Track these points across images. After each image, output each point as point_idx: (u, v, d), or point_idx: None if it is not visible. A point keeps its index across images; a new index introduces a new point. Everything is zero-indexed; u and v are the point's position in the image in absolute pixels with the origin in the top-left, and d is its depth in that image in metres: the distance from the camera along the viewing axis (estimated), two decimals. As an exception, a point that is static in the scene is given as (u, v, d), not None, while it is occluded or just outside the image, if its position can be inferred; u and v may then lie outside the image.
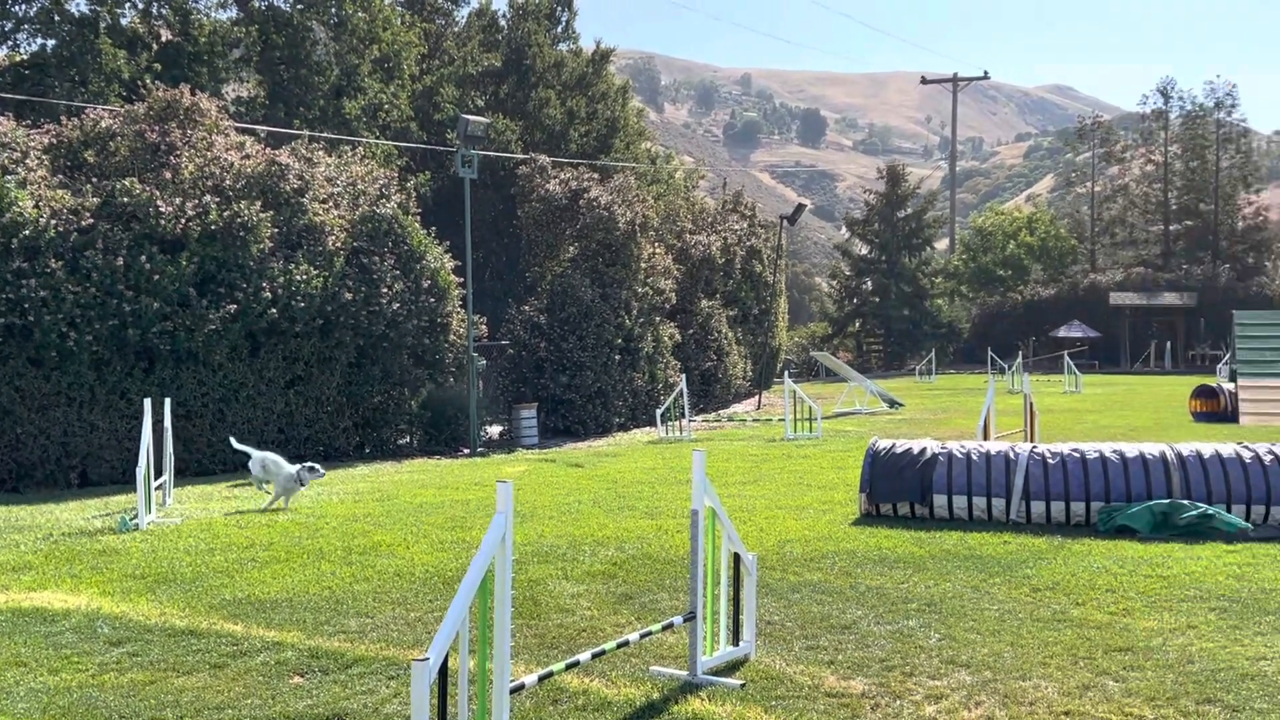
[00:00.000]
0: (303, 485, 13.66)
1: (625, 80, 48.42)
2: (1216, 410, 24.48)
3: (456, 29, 43.86)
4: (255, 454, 14.06)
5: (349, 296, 20.48)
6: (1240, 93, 63.53)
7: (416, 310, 21.85)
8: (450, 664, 4.47)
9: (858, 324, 62.58)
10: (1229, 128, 64.60)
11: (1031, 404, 17.39)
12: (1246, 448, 11.05)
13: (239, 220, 19.24)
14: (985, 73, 75.86)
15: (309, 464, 13.82)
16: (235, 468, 19.34)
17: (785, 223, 39.24)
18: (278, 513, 13.21)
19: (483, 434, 23.74)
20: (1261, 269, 61.71)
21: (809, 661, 6.69)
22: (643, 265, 28.56)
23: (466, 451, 22.28)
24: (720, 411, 32.01)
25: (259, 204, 19.82)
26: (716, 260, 34.44)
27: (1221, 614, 7.60)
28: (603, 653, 6.03)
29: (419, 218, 23.51)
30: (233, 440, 15.56)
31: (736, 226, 37.60)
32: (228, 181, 19.94)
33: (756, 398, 36.31)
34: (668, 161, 55.29)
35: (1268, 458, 10.74)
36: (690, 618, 6.38)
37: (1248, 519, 10.47)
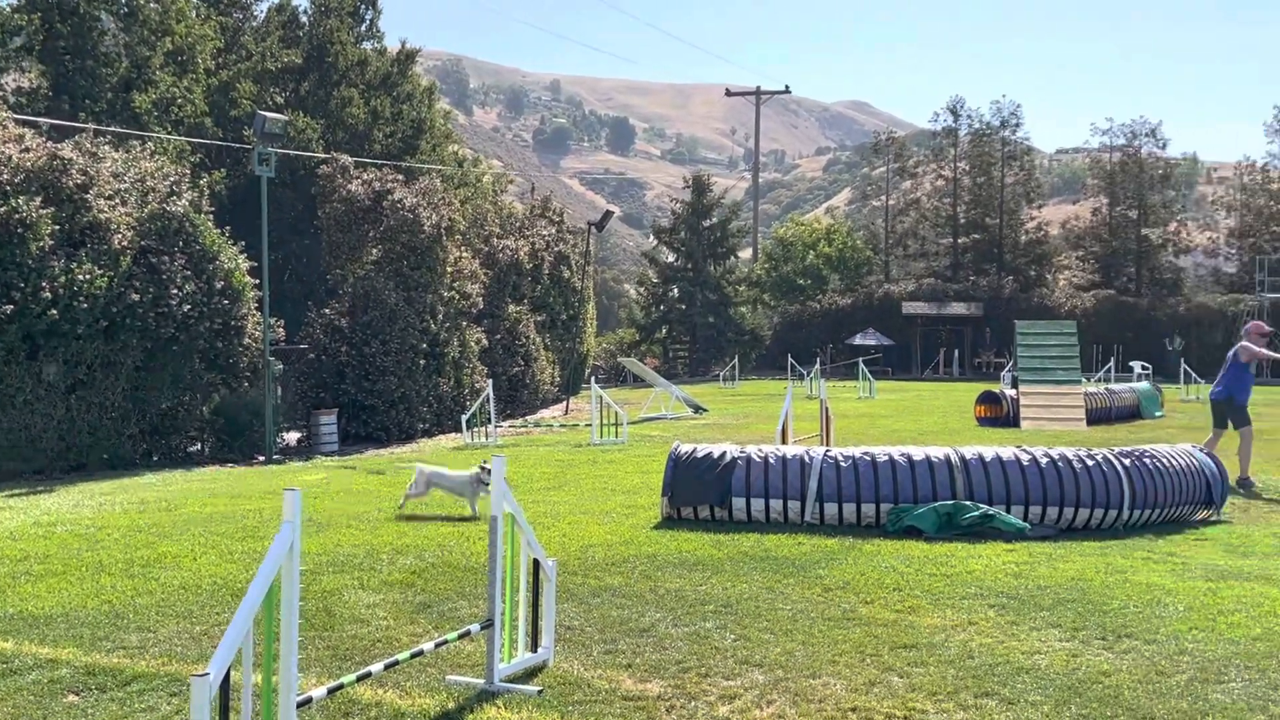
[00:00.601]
0: (485, 485, 12.76)
1: (432, 81, 47.96)
2: (999, 415, 25.65)
3: (255, 23, 42.61)
4: (419, 471, 13.21)
5: (136, 297, 19.62)
6: (1024, 113, 66.98)
7: (209, 312, 21.09)
8: (233, 678, 4.31)
9: (665, 330, 63.40)
10: (1013, 146, 67.97)
11: (828, 409, 17.91)
12: (1025, 451, 11.58)
13: (16, 217, 18.21)
14: (786, 87, 77.95)
15: (485, 465, 12.92)
16: (12, 476, 18.31)
17: (593, 229, 39.40)
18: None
19: (280, 441, 23.08)
20: (1043, 281, 65.15)
21: (607, 665, 6.71)
22: (449, 269, 28.25)
23: (262, 459, 21.60)
24: (528, 417, 31.93)
25: (39, 200, 18.82)
26: (525, 265, 34.38)
27: (1000, 610, 7.93)
28: (396, 663, 5.91)
29: (213, 217, 22.74)
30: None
31: (545, 232, 37.62)
32: (4, 176, 18.83)
33: (564, 403, 36.36)
34: (476, 165, 54.91)
35: (1044, 460, 11.27)
36: (488, 625, 6.31)
37: (1025, 519, 10.97)
